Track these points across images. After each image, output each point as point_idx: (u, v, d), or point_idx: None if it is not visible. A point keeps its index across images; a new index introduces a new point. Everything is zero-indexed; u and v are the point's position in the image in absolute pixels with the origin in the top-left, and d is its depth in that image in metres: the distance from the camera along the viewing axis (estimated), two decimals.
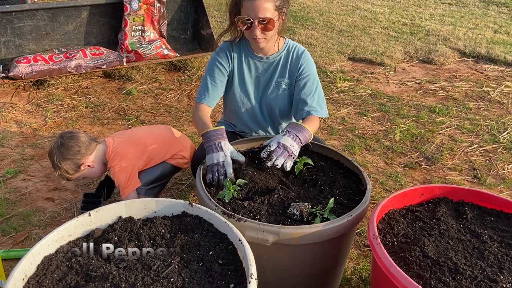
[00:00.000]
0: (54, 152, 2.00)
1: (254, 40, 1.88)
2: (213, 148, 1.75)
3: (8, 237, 2.16)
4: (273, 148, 1.71)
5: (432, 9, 7.50)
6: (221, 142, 1.76)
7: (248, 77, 2.07)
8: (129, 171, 2.06)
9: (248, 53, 2.04)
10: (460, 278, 1.32)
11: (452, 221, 1.62)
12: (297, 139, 1.75)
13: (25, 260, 1.25)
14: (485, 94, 4.14)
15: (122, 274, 1.24)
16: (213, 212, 1.48)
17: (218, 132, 1.79)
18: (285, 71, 2.04)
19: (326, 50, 5.10)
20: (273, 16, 1.81)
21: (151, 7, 3.99)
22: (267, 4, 1.78)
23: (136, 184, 2.10)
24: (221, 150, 1.74)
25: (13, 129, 3.15)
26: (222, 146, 1.75)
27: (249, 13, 1.80)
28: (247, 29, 1.85)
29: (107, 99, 3.68)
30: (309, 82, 2.01)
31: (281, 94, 2.08)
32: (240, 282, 1.24)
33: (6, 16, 3.57)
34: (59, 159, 1.99)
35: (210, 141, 1.77)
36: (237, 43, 2.05)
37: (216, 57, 2.04)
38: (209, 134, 1.79)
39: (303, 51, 2.04)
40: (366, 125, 3.46)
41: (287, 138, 1.74)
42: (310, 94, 1.99)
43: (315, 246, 1.53)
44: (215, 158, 1.72)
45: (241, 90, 2.09)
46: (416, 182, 2.75)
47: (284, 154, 1.70)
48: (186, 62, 4.36)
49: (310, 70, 2.03)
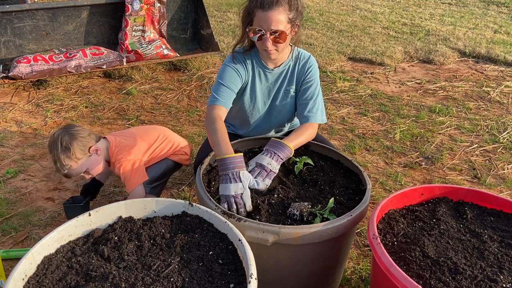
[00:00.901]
0: (61, 136, 1.97)
1: (266, 51, 1.86)
2: (230, 178, 1.61)
3: (8, 237, 2.16)
4: (250, 169, 1.70)
5: (432, 9, 7.50)
6: (239, 171, 1.62)
7: (259, 88, 2.05)
8: (136, 164, 2.06)
9: (258, 63, 2.01)
10: (460, 278, 1.32)
11: (452, 221, 1.62)
12: (275, 156, 1.73)
13: (25, 260, 1.25)
14: (485, 94, 4.14)
15: (122, 274, 1.24)
16: (213, 212, 1.48)
17: (236, 160, 1.65)
18: (293, 78, 2.04)
19: (326, 50, 5.10)
20: (286, 29, 1.78)
21: (151, 7, 3.99)
22: (280, 16, 1.74)
23: (144, 177, 2.07)
24: (239, 181, 1.61)
25: (13, 129, 3.15)
26: (241, 176, 1.62)
27: (261, 24, 1.76)
28: (259, 40, 1.82)
29: (107, 99, 3.68)
30: (311, 88, 2.01)
31: (289, 101, 2.08)
32: (240, 282, 1.24)
33: (6, 16, 3.57)
34: (69, 141, 1.97)
35: (227, 170, 1.63)
36: (248, 53, 2.00)
37: (233, 65, 1.96)
38: (226, 161, 1.64)
39: (309, 56, 2.04)
40: (366, 125, 3.47)
41: (265, 157, 1.72)
42: (311, 99, 2.00)
43: (315, 246, 1.53)
44: (233, 190, 1.59)
45: (251, 100, 2.08)
46: (416, 182, 2.75)
47: (262, 173, 1.69)
48: (186, 62, 4.36)
49: (314, 76, 2.03)
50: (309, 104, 1.99)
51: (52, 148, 2.00)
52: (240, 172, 1.62)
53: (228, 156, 1.65)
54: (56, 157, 1.99)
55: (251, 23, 1.82)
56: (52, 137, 2.01)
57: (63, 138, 1.97)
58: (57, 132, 2.02)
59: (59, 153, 1.97)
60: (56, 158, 1.99)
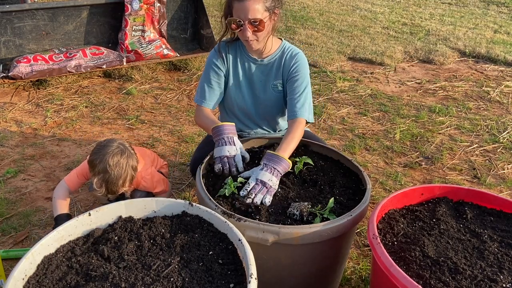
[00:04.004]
0: (118, 156, 1.84)
1: (246, 41, 1.88)
2: (226, 141, 1.79)
3: (8, 237, 2.16)
4: (251, 186, 1.66)
5: (432, 9, 7.49)
6: (233, 136, 1.81)
7: (243, 78, 2.06)
8: (155, 173, 2.19)
9: (243, 54, 2.04)
10: (460, 278, 1.32)
11: (452, 221, 1.62)
12: (275, 171, 1.70)
13: (25, 260, 1.26)
14: (485, 94, 4.14)
15: (122, 274, 1.24)
16: (213, 212, 1.48)
17: (230, 127, 1.84)
18: (279, 72, 2.03)
19: (326, 50, 5.10)
20: (264, 17, 1.80)
21: (151, 7, 3.99)
22: (257, 5, 1.77)
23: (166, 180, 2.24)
24: (233, 144, 1.78)
25: (13, 129, 3.15)
26: (235, 141, 1.80)
27: (239, 15, 1.80)
28: (239, 30, 1.85)
29: (107, 98, 3.68)
30: (297, 82, 1.98)
31: (278, 96, 2.07)
32: (240, 282, 1.25)
33: (6, 16, 3.57)
34: (127, 162, 1.88)
35: (222, 134, 1.81)
36: (233, 44, 2.04)
37: (212, 59, 2.04)
38: (220, 128, 1.83)
39: (297, 52, 2.02)
40: (366, 125, 3.46)
41: (265, 173, 1.68)
42: (298, 93, 1.96)
43: (315, 246, 1.53)
44: (227, 151, 1.76)
45: (236, 91, 2.09)
46: (416, 182, 2.75)
47: (263, 190, 1.66)
48: (186, 62, 4.36)
49: (300, 71, 1.99)
50: (295, 100, 1.95)
51: (109, 169, 1.84)
52: (234, 137, 1.80)
53: (222, 124, 1.84)
54: (116, 188, 1.89)
55: (230, 15, 1.85)
56: (105, 159, 1.84)
57: (121, 160, 1.86)
58: (109, 154, 1.85)
59: (114, 179, 1.86)
60: (116, 189, 1.89)
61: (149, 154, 2.32)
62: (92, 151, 1.92)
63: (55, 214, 1.96)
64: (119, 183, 1.87)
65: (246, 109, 2.13)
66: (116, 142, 1.92)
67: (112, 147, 1.88)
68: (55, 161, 2.78)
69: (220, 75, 2.04)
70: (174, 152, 2.95)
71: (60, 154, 2.86)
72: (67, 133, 3.12)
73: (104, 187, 1.87)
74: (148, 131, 3.20)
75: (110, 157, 1.84)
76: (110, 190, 1.88)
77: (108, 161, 1.83)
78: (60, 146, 2.95)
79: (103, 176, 1.84)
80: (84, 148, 2.94)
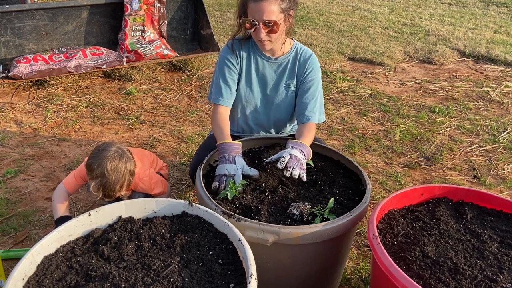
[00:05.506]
0: (116, 161, 1.84)
1: (260, 42, 1.88)
2: (226, 160, 1.75)
3: (8, 237, 2.16)
4: (287, 160, 1.69)
5: (432, 9, 7.50)
6: (235, 156, 1.77)
7: (255, 76, 2.06)
8: (154, 175, 2.17)
9: (256, 52, 2.03)
10: (460, 278, 1.32)
11: (452, 221, 1.62)
12: (303, 154, 1.76)
13: (25, 260, 1.25)
14: (485, 94, 4.14)
15: (122, 274, 1.24)
16: (213, 212, 1.48)
17: (233, 146, 1.81)
18: (293, 73, 2.04)
19: (326, 50, 5.10)
20: (278, 19, 1.79)
21: (151, 7, 3.99)
22: (273, 7, 1.76)
23: (165, 182, 2.22)
24: (233, 163, 1.74)
25: (13, 129, 3.15)
26: (236, 160, 1.75)
27: (254, 15, 1.79)
28: (253, 31, 1.85)
29: (107, 99, 3.68)
30: (313, 87, 2.02)
31: (290, 96, 2.08)
32: (240, 282, 1.24)
33: (6, 16, 3.57)
34: (125, 166, 1.87)
35: (224, 153, 1.78)
36: (246, 42, 2.03)
37: (226, 56, 2.02)
38: (225, 145, 1.80)
39: (310, 54, 2.04)
40: (366, 125, 3.46)
41: (296, 151, 1.74)
42: (312, 98, 2.00)
43: (315, 246, 1.53)
44: (226, 169, 1.72)
45: (247, 88, 2.08)
46: (416, 182, 2.75)
47: (298, 165, 1.70)
48: (186, 62, 4.36)
49: (316, 75, 2.03)
50: (310, 104, 1.99)
51: (106, 172, 1.84)
52: (235, 156, 1.77)
53: (227, 142, 1.82)
54: (113, 192, 1.89)
55: (245, 14, 1.85)
56: (103, 163, 1.83)
57: (119, 164, 1.85)
58: (106, 158, 1.84)
59: (112, 181, 1.85)
60: (111, 183, 1.86)
61: (148, 155, 2.31)
62: (90, 154, 1.91)
63: (55, 217, 1.98)
64: (116, 188, 1.87)
65: (255, 107, 2.12)
66: (115, 146, 1.91)
67: (110, 151, 1.87)
68: (55, 161, 2.78)
69: (234, 72, 2.03)
70: (174, 152, 2.95)
71: (60, 154, 2.86)
72: (67, 133, 3.12)
73: (101, 192, 1.87)
74: (148, 131, 3.20)
75: (108, 162, 1.83)
76: (107, 194, 1.88)
77: (106, 166, 1.82)
78: (60, 146, 2.95)
79: (101, 181, 1.84)
80: (84, 148, 2.94)
